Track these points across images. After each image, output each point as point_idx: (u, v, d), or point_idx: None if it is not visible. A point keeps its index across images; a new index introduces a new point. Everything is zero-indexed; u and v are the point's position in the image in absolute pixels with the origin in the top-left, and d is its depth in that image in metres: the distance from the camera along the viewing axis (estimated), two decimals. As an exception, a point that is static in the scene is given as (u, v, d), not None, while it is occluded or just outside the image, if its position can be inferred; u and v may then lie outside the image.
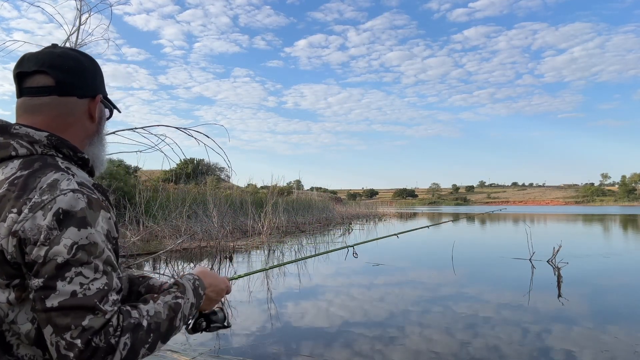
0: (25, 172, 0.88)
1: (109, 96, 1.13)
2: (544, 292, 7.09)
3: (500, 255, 11.82)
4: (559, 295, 6.85)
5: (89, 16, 3.85)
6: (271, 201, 16.26)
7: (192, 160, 36.88)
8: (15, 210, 0.83)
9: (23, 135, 0.93)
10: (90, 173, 1.04)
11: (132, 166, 20.14)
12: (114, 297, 0.84)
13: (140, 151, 4.06)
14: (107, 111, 1.14)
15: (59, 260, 0.79)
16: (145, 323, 0.87)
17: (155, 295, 0.96)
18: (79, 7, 3.82)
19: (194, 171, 33.38)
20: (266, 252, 12.42)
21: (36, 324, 0.84)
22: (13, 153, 0.91)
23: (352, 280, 8.44)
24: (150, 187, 15.32)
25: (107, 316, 0.81)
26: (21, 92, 0.99)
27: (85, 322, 0.78)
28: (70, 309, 0.78)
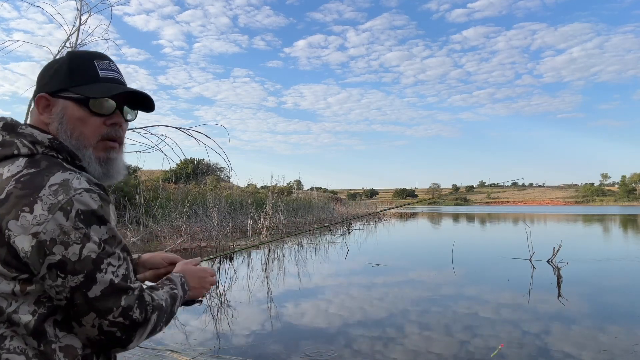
0: (32, 170, 0.90)
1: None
2: (543, 292, 7.09)
3: (500, 255, 11.81)
4: (559, 295, 6.86)
5: (89, 16, 3.85)
6: (271, 201, 16.26)
7: (192, 160, 36.87)
8: (27, 209, 0.85)
9: (27, 135, 0.96)
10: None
11: (132, 166, 20.11)
12: (133, 275, 0.97)
13: (140, 151, 4.06)
14: (105, 106, 1.02)
15: (93, 255, 0.87)
16: (164, 305, 1.01)
17: (160, 284, 1.10)
18: (79, 7, 3.82)
19: (194, 171, 33.36)
20: (266, 252, 12.42)
21: (37, 315, 0.88)
22: (15, 151, 0.94)
23: (352, 280, 8.44)
24: (150, 187, 15.31)
25: (136, 292, 0.93)
26: None
27: (122, 302, 0.90)
28: (110, 294, 0.89)
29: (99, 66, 1.04)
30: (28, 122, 1.04)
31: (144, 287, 1.01)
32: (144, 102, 1.12)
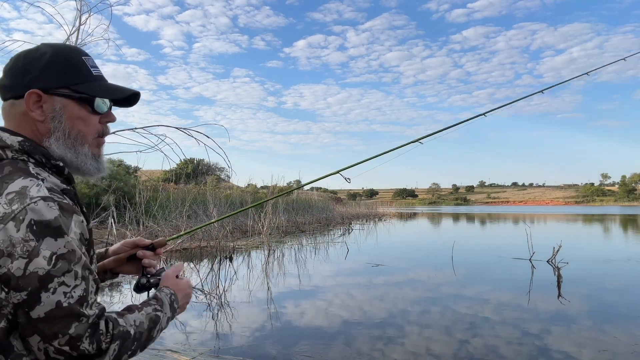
0: None
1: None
2: (544, 292, 7.09)
3: (500, 255, 11.82)
4: (559, 295, 6.85)
5: (89, 16, 3.85)
6: (271, 201, 16.25)
7: (192, 160, 36.87)
8: None
9: None
10: (68, 180, 0.99)
11: (132, 166, 20.17)
12: (93, 299, 0.87)
13: (140, 151, 4.05)
14: (101, 105, 1.02)
15: (41, 272, 0.79)
16: (132, 332, 0.92)
17: (139, 306, 1.01)
18: (78, 7, 3.82)
19: (194, 171, 33.36)
20: (266, 252, 12.42)
21: None
22: None
23: (352, 280, 8.43)
24: (150, 187, 15.31)
25: (91, 320, 0.84)
26: None
27: (71, 330, 0.81)
28: (56, 318, 0.80)
29: (88, 63, 1.03)
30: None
31: (107, 312, 0.91)
32: (130, 100, 1.11)
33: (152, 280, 1.21)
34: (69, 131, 0.98)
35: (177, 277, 1.21)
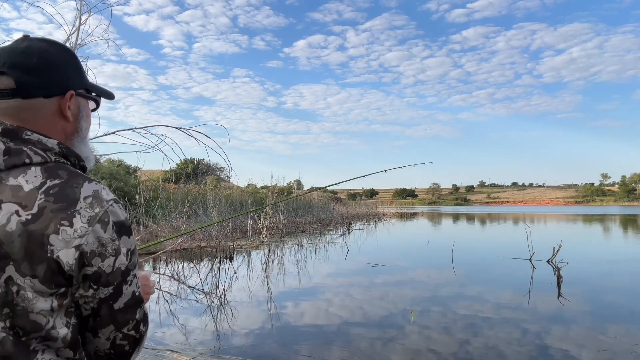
0: (57, 182, 0.87)
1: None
2: (544, 292, 7.10)
3: (500, 255, 11.82)
4: (559, 295, 6.86)
5: (89, 16, 3.84)
6: (271, 201, 16.26)
7: (192, 160, 36.91)
8: (66, 222, 0.84)
9: (36, 142, 0.90)
10: None
11: (132, 166, 20.19)
12: None
13: (140, 151, 4.04)
14: (92, 103, 1.06)
15: (122, 267, 0.89)
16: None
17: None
18: (78, 7, 3.82)
19: (194, 171, 33.39)
20: (266, 252, 12.42)
21: (70, 327, 0.87)
22: (27, 160, 0.89)
23: (351, 280, 8.44)
24: (150, 187, 15.31)
25: (143, 306, 0.96)
26: None
27: (137, 316, 0.93)
28: (130, 307, 0.91)
29: None
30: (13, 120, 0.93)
31: None
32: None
33: None
34: (84, 129, 1.03)
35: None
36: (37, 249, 0.82)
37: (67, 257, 0.83)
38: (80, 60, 1.06)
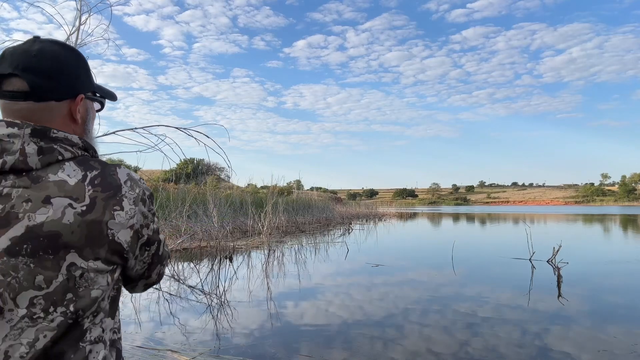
0: (95, 172, 0.97)
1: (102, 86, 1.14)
2: (544, 292, 7.10)
3: (500, 255, 11.82)
4: (559, 295, 6.86)
5: (89, 16, 3.84)
6: (271, 201, 16.26)
7: (192, 160, 36.89)
8: (118, 207, 0.96)
9: (63, 140, 0.96)
10: None
11: (132, 166, 20.11)
12: None
13: (140, 151, 4.05)
14: (96, 104, 1.11)
15: (157, 226, 1.09)
16: None
17: None
18: (78, 7, 3.82)
19: (194, 171, 33.38)
20: (266, 251, 12.42)
21: (111, 298, 1.00)
22: (59, 157, 0.94)
23: (351, 280, 8.43)
24: (150, 187, 15.26)
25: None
26: (1, 94, 0.95)
27: (167, 249, 1.17)
28: (164, 248, 1.15)
29: None
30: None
31: None
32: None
33: None
34: (90, 129, 1.09)
35: None
36: (98, 234, 0.92)
37: (125, 236, 0.97)
38: None
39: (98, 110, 1.13)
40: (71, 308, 0.89)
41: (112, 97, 1.18)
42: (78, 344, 0.90)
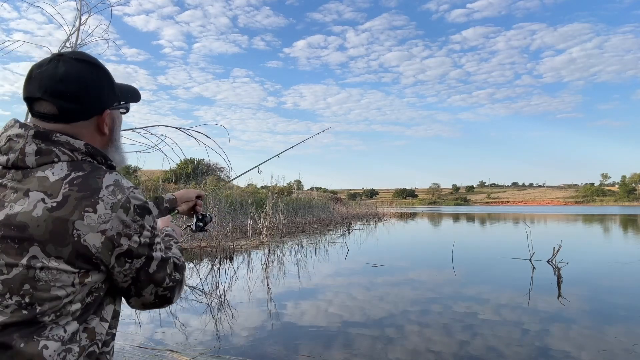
0: (80, 173, 0.98)
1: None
2: (544, 292, 7.09)
3: (500, 255, 11.82)
4: (559, 296, 6.86)
5: (89, 17, 3.84)
6: (271, 201, 16.25)
7: (192, 160, 36.87)
8: (90, 209, 0.94)
9: (64, 143, 0.99)
10: None
11: (132, 166, 20.11)
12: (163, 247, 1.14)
13: (140, 151, 4.05)
14: (120, 110, 1.17)
15: (148, 240, 1.03)
16: (183, 260, 1.21)
17: (169, 243, 1.27)
18: (78, 7, 3.82)
19: (194, 171, 33.36)
20: (266, 251, 12.42)
21: (84, 303, 0.98)
22: (56, 159, 0.98)
23: (351, 280, 8.43)
24: (151, 187, 15.31)
25: (171, 260, 1.11)
26: (32, 112, 1.03)
27: (168, 270, 1.09)
28: (161, 267, 1.07)
29: None
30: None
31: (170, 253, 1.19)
32: None
33: (206, 220, 1.79)
34: (117, 136, 1.15)
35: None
36: (62, 232, 0.92)
37: (93, 240, 0.94)
38: None
39: (123, 113, 1.18)
40: (27, 299, 0.91)
41: (136, 98, 1.20)
42: (32, 337, 0.90)
